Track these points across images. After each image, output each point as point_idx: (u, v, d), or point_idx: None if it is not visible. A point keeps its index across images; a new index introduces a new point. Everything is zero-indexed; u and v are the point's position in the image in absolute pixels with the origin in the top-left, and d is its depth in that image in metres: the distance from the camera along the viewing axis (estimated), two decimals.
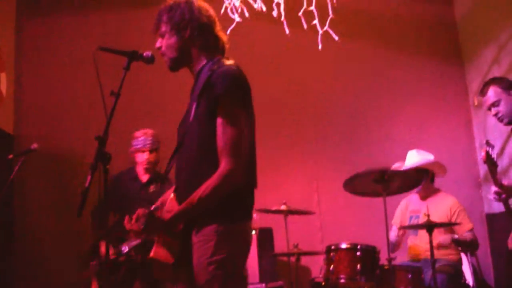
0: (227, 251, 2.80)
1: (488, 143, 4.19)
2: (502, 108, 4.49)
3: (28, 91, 7.14)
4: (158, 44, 3.14)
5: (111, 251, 5.22)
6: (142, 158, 5.66)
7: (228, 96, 2.83)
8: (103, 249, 5.28)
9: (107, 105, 3.01)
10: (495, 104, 4.53)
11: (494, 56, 6.37)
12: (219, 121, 2.83)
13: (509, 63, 6.05)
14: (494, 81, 4.61)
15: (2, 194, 5.32)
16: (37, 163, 6.42)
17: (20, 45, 7.23)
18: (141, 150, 5.66)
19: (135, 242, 5.15)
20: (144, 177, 5.71)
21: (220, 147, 2.81)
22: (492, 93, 4.54)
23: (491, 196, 4.34)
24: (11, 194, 6.42)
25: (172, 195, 3.02)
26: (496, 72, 6.30)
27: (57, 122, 6.99)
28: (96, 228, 5.66)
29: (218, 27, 3.14)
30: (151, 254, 2.95)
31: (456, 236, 5.37)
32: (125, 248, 5.20)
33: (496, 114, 4.55)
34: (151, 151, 5.64)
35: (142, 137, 5.67)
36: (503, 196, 4.27)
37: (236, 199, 2.86)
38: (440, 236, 5.43)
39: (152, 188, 5.62)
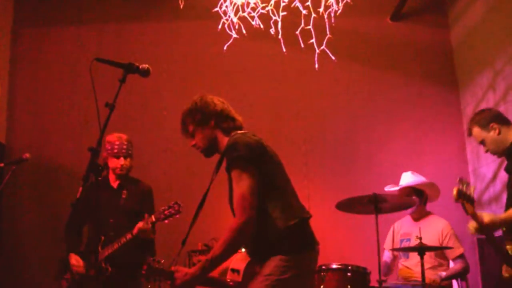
0: (281, 276, 3.16)
1: (461, 181, 4.21)
2: (488, 146, 4.57)
3: (22, 101, 7.14)
4: (192, 143, 3.61)
5: (82, 264, 5.16)
6: (117, 163, 5.41)
7: (234, 160, 3.28)
8: (73, 261, 5.17)
9: (101, 116, 3.00)
10: (481, 144, 4.64)
11: (489, 82, 6.38)
12: (232, 185, 3.29)
13: (504, 88, 6.06)
14: (474, 120, 4.66)
15: None
16: (28, 172, 6.40)
17: (15, 55, 7.25)
18: (116, 155, 5.42)
19: (106, 253, 5.09)
20: (115, 183, 5.50)
21: (234, 204, 3.26)
22: (475, 135, 4.65)
23: (471, 231, 4.33)
24: None
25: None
26: (491, 98, 6.31)
27: (50, 132, 6.98)
28: (69, 241, 5.42)
29: (232, 110, 3.64)
30: None
31: (443, 274, 5.36)
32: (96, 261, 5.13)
33: (487, 151, 4.64)
34: (125, 157, 5.42)
35: (117, 142, 5.40)
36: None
37: (283, 236, 3.26)
38: (430, 265, 5.43)
39: (124, 193, 5.40)
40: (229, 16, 4.93)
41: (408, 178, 5.79)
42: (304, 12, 4.75)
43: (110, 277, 5.08)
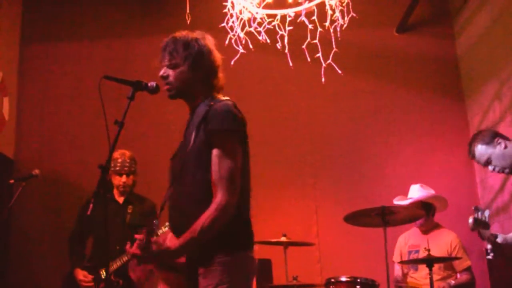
0: (231, 280, 2.87)
1: (476, 209, 4.18)
2: (495, 162, 4.37)
3: (30, 116, 7.17)
4: (164, 73, 3.20)
5: (90, 279, 5.21)
6: (119, 181, 5.55)
7: (226, 130, 2.97)
8: (81, 276, 5.25)
9: (110, 133, 3.02)
10: (487, 162, 4.44)
11: (495, 92, 6.38)
12: (215, 152, 2.95)
13: (511, 98, 6.05)
14: (476, 140, 4.48)
15: (1, 219, 5.30)
16: (36, 188, 6.40)
17: (23, 70, 7.29)
18: (118, 172, 5.54)
19: (115, 267, 5.13)
20: (121, 199, 5.61)
21: (215, 179, 2.91)
22: (479, 153, 4.45)
23: (489, 256, 4.30)
24: (9, 219, 6.40)
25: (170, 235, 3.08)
26: (497, 108, 6.31)
27: (57, 148, 7.01)
28: (74, 255, 5.54)
29: (221, 69, 3.30)
30: None
31: (452, 282, 5.36)
32: (104, 274, 5.16)
33: (493, 170, 4.43)
34: (128, 174, 5.53)
35: (120, 159, 5.53)
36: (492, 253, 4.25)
37: (239, 229, 3.00)
38: (439, 276, 5.44)
39: (130, 209, 5.49)
40: (236, 31, 4.95)
41: (416, 192, 5.79)
42: (310, 26, 4.76)
43: None
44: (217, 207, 2.84)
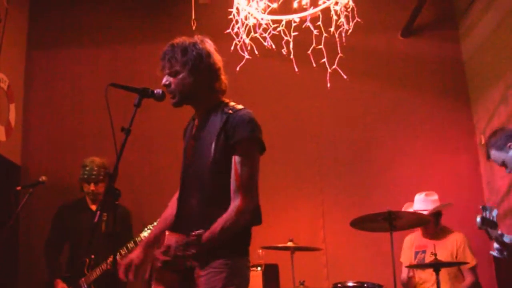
0: (236, 283, 2.96)
1: (484, 208, 4.21)
2: (510, 166, 4.52)
3: (36, 123, 7.19)
4: (166, 81, 3.22)
5: None
6: (88, 188, 5.49)
7: (251, 139, 3.04)
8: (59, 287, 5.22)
9: (117, 140, 3.01)
10: (502, 165, 4.59)
11: (501, 95, 6.37)
12: (237, 159, 3.01)
13: None
14: (490, 143, 4.63)
15: (9, 225, 5.30)
16: (42, 195, 6.41)
17: (29, 77, 7.31)
18: (86, 180, 5.50)
19: (94, 277, 5.10)
20: (93, 207, 5.48)
21: (236, 184, 2.98)
22: (493, 157, 4.61)
23: (494, 252, 4.34)
24: (16, 225, 6.41)
25: (167, 232, 3.06)
26: (503, 111, 6.30)
27: (64, 154, 7.02)
28: (52, 264, 5.52)
29: (223, 72, 3.31)
30: None
31: None
32: (84, 284, 5.13)
33: (510, 172, 4.59)
34: (96, 183, 5.43)
35: (88, 167, 5.50)
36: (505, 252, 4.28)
37: (244, 235, 3.08)
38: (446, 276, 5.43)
39: (105, 216, 5.20)
40: (241, 37, 4.96)
41: (422, 203, 5.72)
42: (315, 32, 4.77)
43: None
44: (237, 210, 2.92)
